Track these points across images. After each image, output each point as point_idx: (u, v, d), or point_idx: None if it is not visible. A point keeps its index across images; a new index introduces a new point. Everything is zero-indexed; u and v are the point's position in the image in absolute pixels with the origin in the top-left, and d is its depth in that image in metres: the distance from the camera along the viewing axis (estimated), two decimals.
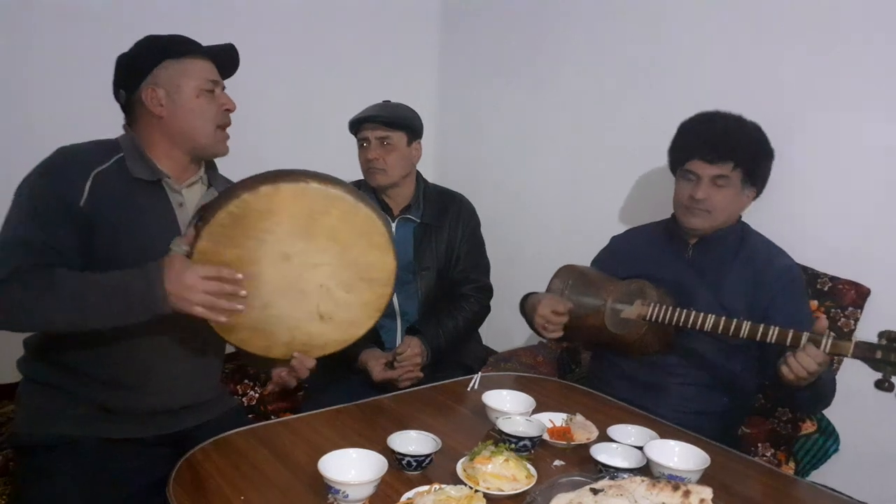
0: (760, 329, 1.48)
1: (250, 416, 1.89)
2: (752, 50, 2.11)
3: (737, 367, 1.75)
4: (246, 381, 2.00)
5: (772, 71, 2.07)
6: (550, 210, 2.79)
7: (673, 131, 1.87)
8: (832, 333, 1.42)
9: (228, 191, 1.35)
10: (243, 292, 1.35)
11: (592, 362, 2.02)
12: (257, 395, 1.98)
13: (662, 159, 1.92)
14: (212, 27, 2.41)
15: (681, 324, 1.61)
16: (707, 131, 1.77)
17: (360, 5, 2.94)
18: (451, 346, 2.08)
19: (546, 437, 1.38)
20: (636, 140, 2.43)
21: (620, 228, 2.31)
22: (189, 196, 1.55)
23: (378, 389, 1.94)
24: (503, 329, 2.59)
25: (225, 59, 1.56)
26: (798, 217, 2.01)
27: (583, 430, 1.43)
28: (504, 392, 1.52)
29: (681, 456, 1.29)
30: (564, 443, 1.38)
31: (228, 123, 1.55)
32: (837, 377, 1.88)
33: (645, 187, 2.43)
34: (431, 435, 1.30)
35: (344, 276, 1.42)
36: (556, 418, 1.47)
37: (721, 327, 1.55)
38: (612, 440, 1.37)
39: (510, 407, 1.48)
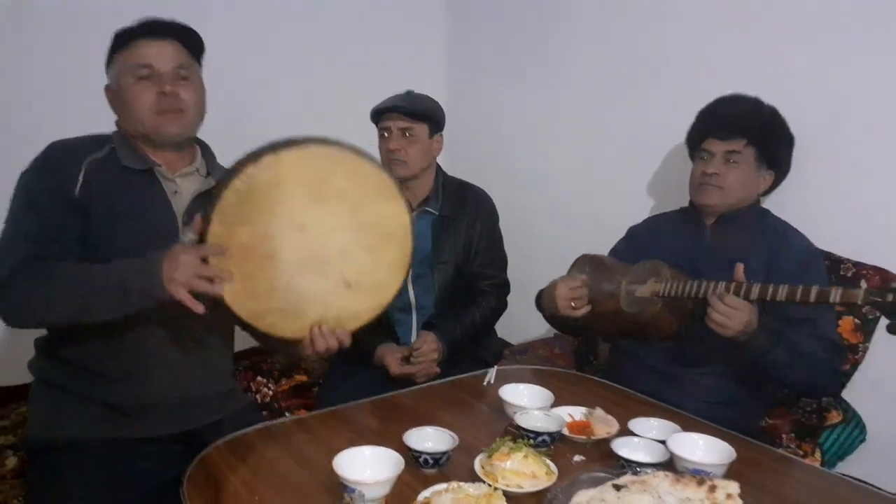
0: (770, 289, 1.46)
1: (265, 412, 1.87)
2: (763, 36, 2.06)
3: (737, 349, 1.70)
4: (259, 377, 1.99)
5: (784, 56, 2.01)
6: (564, 200, 2.75)
7: (687, 117, 1.86)
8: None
9: (230, 169, 1.32)
10: (226, 275, 1.29)
11: (611, 354, 1.99)
12: (271, 391, 1.97)
13: (677, 145, 1.89)
14: (218, 24, 2.42)
15: (692, 293, 1.59)
16: (721, 110, 1.80)
17: (366, 3, 2.90)
18: (467, 342, 2.05)
19: (565, 431, 1.35)
20: (649, 127, 2.39)
21: (636, 217, 2.27)
22: (184, 185, 1.52)
23: (394, 385, 1.92)
24: (519, 321, 2.55)
25: (162, 33, 1.47)
26: (819, 202, 1.96)
27: (603, 423, 1.39)
28: (521, 386, 1.49)
29: (705, 450, 1.25)
30: (584, 437, 1.35)
31: (172, 108, 1.45)
32: (864, 367, 1.86)
33: (661, 174, 2.38)
34: (448, 431, 1.27)
35: (362, 237, 1.37)
36: (576, 412, 1.44)
37: (731, 292, 1.51)
38: (633, 434, 1.33)
39: (528, 401, 1.45)
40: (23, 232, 1.36)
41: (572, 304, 1.76)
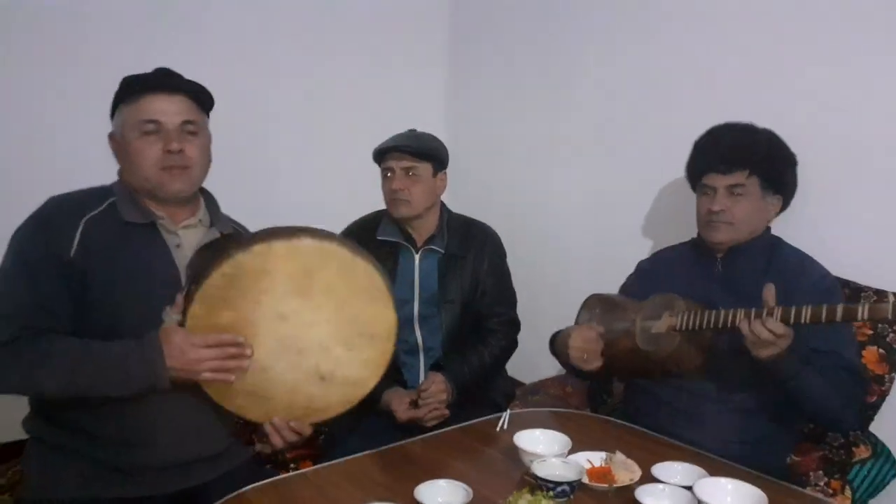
0: (793, 311, 1.40)
1: (268, 466, 1.80)
2: (771, 56, 2.04)
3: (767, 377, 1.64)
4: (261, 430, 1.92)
5: (795, 77, 1.99)
6: (573, 232, 2.70)
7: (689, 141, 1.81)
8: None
9: (219, 250, 1.31)
10: (248, 351, 1.32)
11: (627, 392, 1.92)
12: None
13: (682, 175, 1.85)
14: (217, 64, 2.42)
15: (712, 324, 1.53)
16: (718, 143, 1.75)
17: (366, 25, 2.90)
18: (477, 384, 1.98)
19: (585, 480, 1.28)
20: (659, 153, 2.35)
21: (647, 246, 2.23)
22: (187, 237, 1.49)
23: (402, 431, 1.85)
24: (529, 359, 2.48)
25: (171, 88, 1.45)
26: (834, 228, 1.91)
27: (624, 469, 1.32)
28: (537, 432, 1.42)
29: (735, 496, 1.18)
30: (606, 485, 1.28)
31: (177, 165, 1.43)
32: (892, 399, 1.79)
33: (672, 201, 2.33)
34: (462, 484, 1.21)
35: (343, 333, 1.37)
36: (595, 458, 1.37)
37: (753, 318, 1.45)
38: (657, 480, 1.26)
39: (544, 448, 1.38)
40: (14, 301, 1.34)
41: (584, 356, 1.70)
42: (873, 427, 1.81)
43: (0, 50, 2.27)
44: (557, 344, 1.84)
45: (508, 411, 1.62)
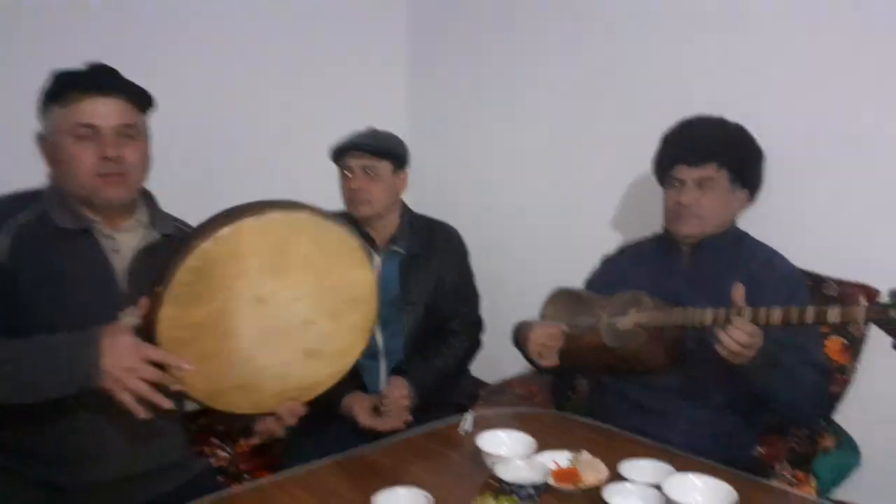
0: (762, 312, 1.38)
1: (221, 478, 1.72)
2: (733, 52, 2.02)
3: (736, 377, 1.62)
4: (213, 440, 1.84)
5: (760, 72, 1.98)
6: (535, 230, 2.67)
7: (659, 137, 1.79)
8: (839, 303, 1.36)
9: (183, 244, 1.22)
10: (178, 387, 1.22)
11: (592, 390, 1.89)
12: (229, 454, 1.82)
13: (647, 169, 1.83)
14: (166, 57, 2.33)
15: (680, 323, 1.51)
16: (687, 136, 1.74)
17: (322, 20, 2.82)
18: (440, 386, 1.94)
19: (551, 481, 1.24)
20: (622, 150, 2.32)
21: (612, 242, 2.21)
22: (125, 240, 1.41)
23: (364, 438, 1.80)
24: (493, 359, 2.44)
25: (107, 89, 1.34)
26: (796, 220, 1.90)
27: (591, 469, 1.29)
28: (501, 433, 1.38)
29: (705, 493, 1.15)
30: (572, 486, 1.24)
31: (113, 172, 1.34)
32: (854, 389, 1.79)
33: (635, 198, 2.31)
34: (423, 491, 1.15)
35: (326, 305, 1.32)
36: (561, 458, 1.33)
37: (722, 318, 1.43)
38: (624, 479, 1.23)
39: (508, 449, 1.33)
40: None
41: (541, 352, 1.67)
42: (837, 417, 1.81)
43: None
44: (520, 335, 1.81)
45: (471, 413, 1.57)
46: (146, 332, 1.20)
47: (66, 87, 1.34)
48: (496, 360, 2.45)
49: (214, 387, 1.26)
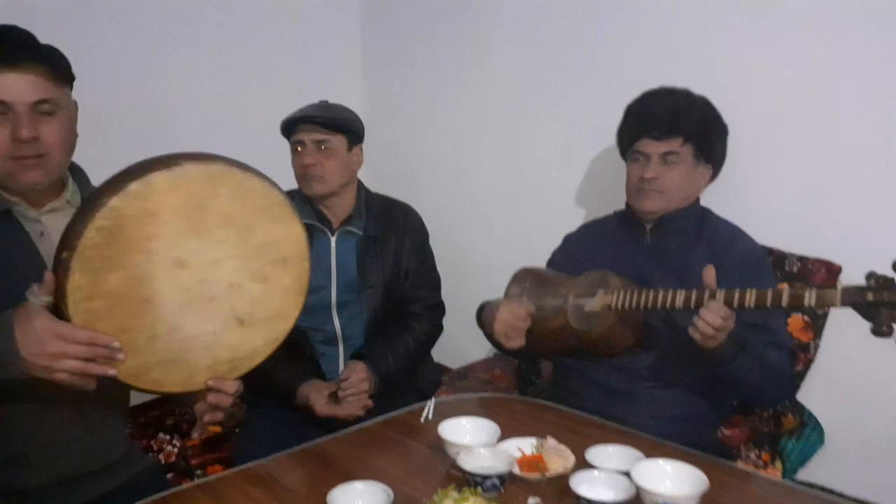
0: (736, 294, 1.34)
1: (170, 475, 1.64)
2: (697, 26, 1.99)
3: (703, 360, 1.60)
4: (161, 434, 1.74)
5: (718, 44, 1.95)
6: (495, 210, 2.62)
7: (619, 113, 1.75)
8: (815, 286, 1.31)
9: (88, 201, 1.10)
10: (121, 356, 1.09)
11: (556, 373, 1.85)
12: (176, 448, 1.72)
13: (611, 144, 1.79)
14: (112, 30, 2.19)
15: (649, 305, 1.47)
16: (652, 108, 1.69)
17: (275, 4, 2.71)
18: (401, 372, 1.86)
19: (516, 470, 1.19)
20: (581, 126, 2.29)
21: (572, 223, 2.17)
22: (52, 222, 1.28)
23: (323, 426, 1.72)
24: (455, 343, 2.39)
25: (19, 59, 1.19)
26: (757, 196, 1.90)
27: (557, 456, 1.24)
28: (463, 420, 1.32)
29: (674, 479, 1.11)
30: (538, 475, 1.19)
31: (30, 154, 1.21)
32: (816, 367, 1.78)
33: (596, 176, 2.28)
34: (381, 484, 1.09)
35: (253, 265, 1.20)
36: (525, 445, 1.28)
37: (693, 300, 1.39)
38: (591, 466, 1.18)
39: (471, 437, 1.28)
40: None
41: (507, 333, 1.61)
42: (800, 396, 1.80)
43: None
44: (484, 315, 1.75)
45: (433, 399, 1.51)
46: (57, 308, 1.08)
47: None
48: (459, 345, 2.41)
49: (137, 363, 1.12)
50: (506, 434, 1.30)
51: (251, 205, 1.18)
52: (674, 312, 1.49)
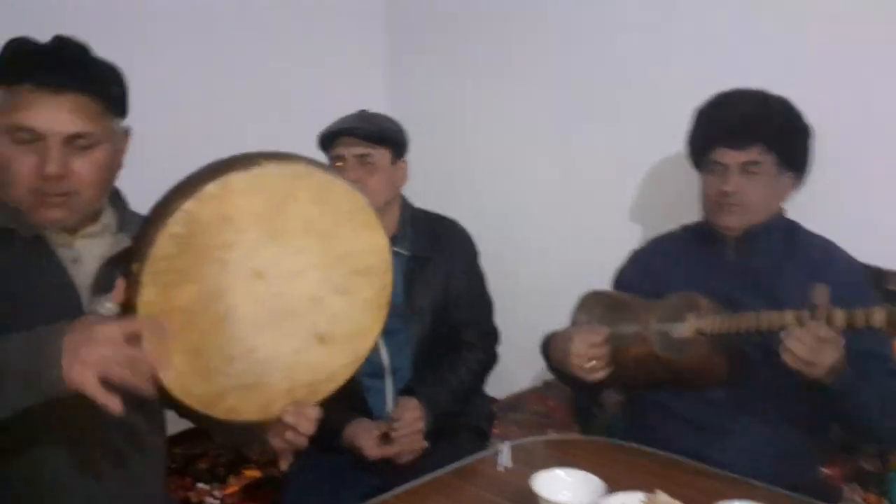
0: (860, 314, 1.18)
1: None
2: (776, 20, 1.83)
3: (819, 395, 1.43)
4: (200, 484, 1.56)
5: (800, 41, 1.79)
6: (543, 225, 2.44)
7: (686, 117, 1.60)
8: None
9: (160, 207, 0.97)
10: (161, 363, 0.94)
11: (631, 407, 1.67)
12: (219, 499, 1.54)
13: (671, 151, 1.67)
14: (125, 35, 2.04)
15: (750, 329, 1.30)
16: (727, 113, 1.54)
17: (298, 16, 2.57)
18: (455, 406, 1.70)
19: None
20: (640, 132, 2.11)
21: (631, 237, 2.01)
22: (87, 249, 1.13)
23: (373, 470, 1.58)
24: (501, 371, 2.21)
25: (57, 84, 1.05)
26: (852, 208, 1.72)
27: None
28: (559, 472, 1.13)
29: None
30: None
31: (54, 192, 1.06)
32: None
33: (656, 186, 2.11)
34: None
35: (335, 277, 1.09)
36: (632, 501, 1.09)
37: (804, 320, 1.23)
38: None
39: (572, 494, 1.09)
40: None
41: (589, 364, 1.45)
42: None
43: None
44: (553, 349, 1.58)
45: (508, 444, 1.33)
46: None
47: (12, 66, 1.05)
48: (505, 373, 2.22)
49: (212, 389, 1.02)
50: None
51: (333, 210, 1.07)
52: (773, 338, 1.31)
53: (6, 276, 1.05)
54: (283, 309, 1.06)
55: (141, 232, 0.97)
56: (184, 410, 1.09)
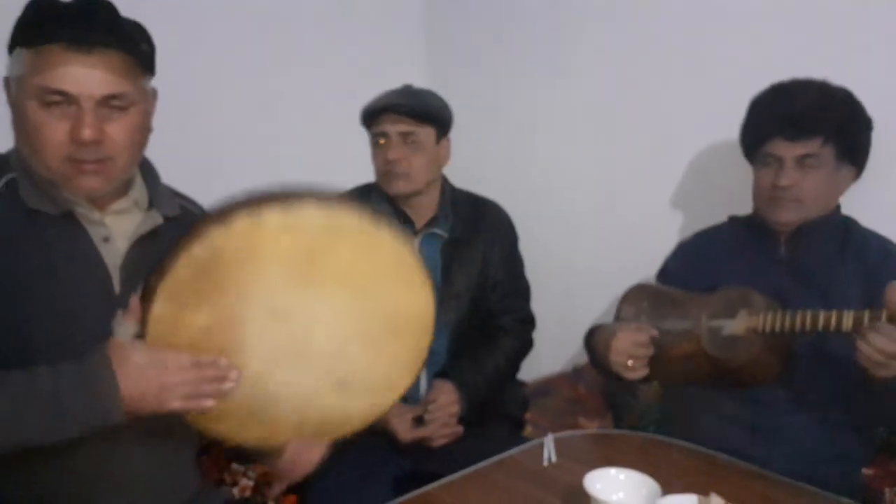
0: None
1: None
2: (832, 3, 1.74)
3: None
4: (235, 465, 1.55)
5: (857, 26, 1.70)
6: (580, 211, 2.37)
7: (734, 106, 1.54)
8: None
9: (190, 227, 0.95)
10: (234, 374, 0.97)
11: (672, 401, 1.64)
12: (252, 482, 1.53)
13: (717, 139, 1.63)
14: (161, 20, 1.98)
15: (806, 328, 1.26)
16: (785, 103, 1.47)
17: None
18: (491, 394, 1.67)
19: None
20: (683, 119, 2.04)
21: (672, 227, 1.95)
22: (118, 226, 1.09)
23: (405, 453, 1.57)
24: (532, 354, 2.18)
25: (90, 43, 0.99)
26: None
27: None
28: (613, 472, 1.10)
29: None
30: None
31: (90, 159, 1.02)
32: None
33: (700, 176, 2.04)
34: None
35: (366, 330, 1.05)
36: None
37: (866, 322, 1.18)
38: None
39: (626, 495, 1.06)
40: None
41: (629, 363, 1.42)
42: None
43: None
44: (596, 343, 1.54)
45: (551, 437, 1.30)
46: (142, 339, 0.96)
47: (37, 27, 0.99)
48: (533, 357, 2.20)
49: (215, 409, 1.00)
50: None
51: (377, 264, 1.02)
52: (826, 337, 1.28)
53: (37, 257, 1.02)
54: (300, 351, 1.02)
55: (169, 248, 0.95)
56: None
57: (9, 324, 0.97)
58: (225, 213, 0.93)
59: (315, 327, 1.02)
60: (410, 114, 1.62)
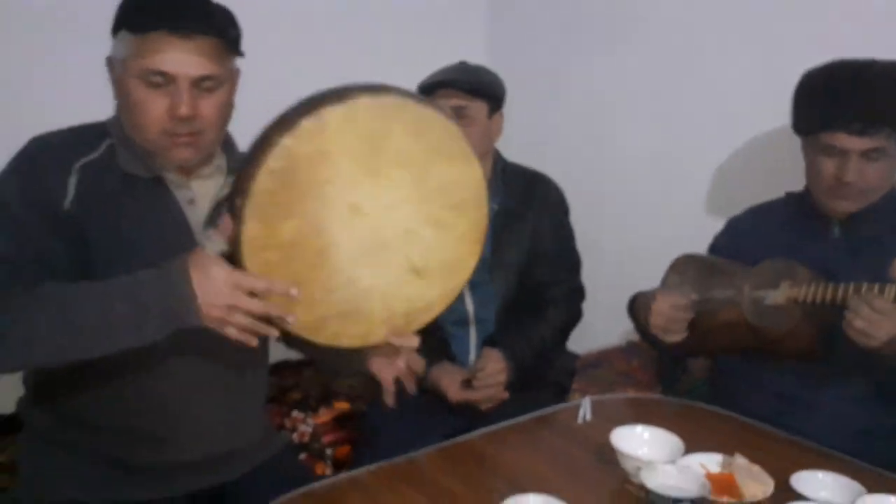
0: None
1: (303, 455, 1.57)
2: None
3: None
4: (296, 412, 1.68)
5: None
6: (635, 185, 2.39)
7: (789, 84, 1.50)
8: None
9: (258, 144, 1.00)
10: (291, 318, 1.03)
11: (715, 373, 1.66)
12: (310, 428, 1.65)
13: (778, 120, 1.57)
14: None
15: (847, 300, 1.26)
16: (849, 93, 1.40)
17: None
18: (537, 362, 1.73)
19: (708, 494, 1.02)
20: (744, 97, 2.03)
21: (725, 201, 1.95)
22: (202, 189, 1.21)
23: (454, 412, 1.65)
24: (586, 326, 2.22)
25: (188, 29, 1.10)
26: None
27: (750, 478, 1.07)
28: (638, 429, 1.16)
29: None
30: (734, 501, 1.02)
31: (184, 133, 1.12)
32: None
33: (760, 154, 2.03)
34: (557, 500, 0.95)
35: (429, 210, 1.11)
36: (710, 463, 1.11)
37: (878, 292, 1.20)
38: (799, 496, 1.01)
39: (650, 451, 1.12)
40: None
41: (667, 325, 1.44)
42: None
43: None
44: (637, 307, 1.58)
45: (589, 399, 1.36)
46: (232, 257, 1.01)
47: (141, 14, 1.11)
48: (588, 329, 2.23)
49: (314, 316, 1.07)
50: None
51: (427, 142, 1.07)
52: None
53: (130, 214, 1.15)
54: (379, 242, 1.08)
55: (242, 168, 1.01)
56: (288, 337, 1.18)
57: (104, 273, 1.09)
58: (288, 120, 0.98)
59: (388, 216, 1.07)
60: (464, 89, 1.68)
